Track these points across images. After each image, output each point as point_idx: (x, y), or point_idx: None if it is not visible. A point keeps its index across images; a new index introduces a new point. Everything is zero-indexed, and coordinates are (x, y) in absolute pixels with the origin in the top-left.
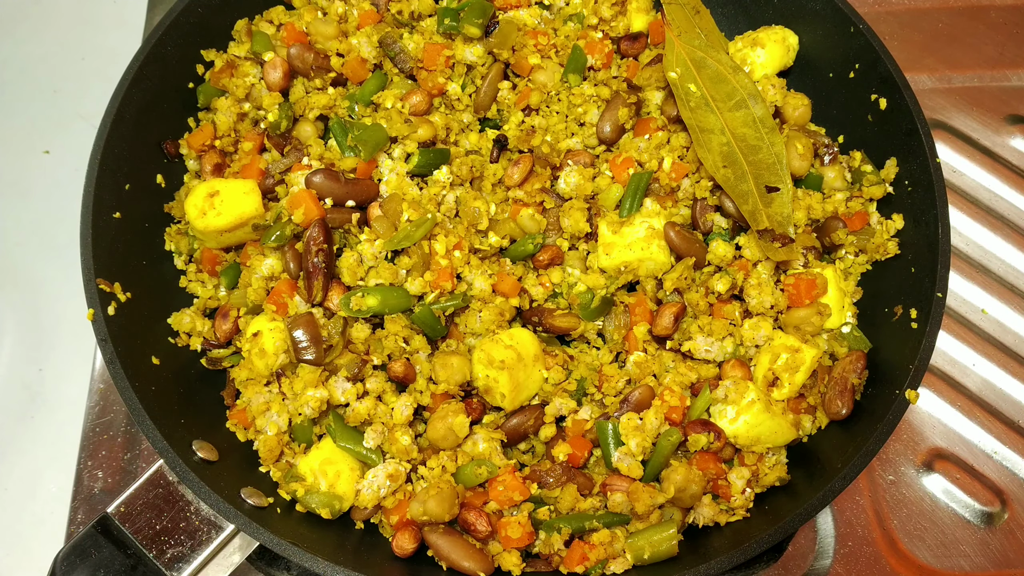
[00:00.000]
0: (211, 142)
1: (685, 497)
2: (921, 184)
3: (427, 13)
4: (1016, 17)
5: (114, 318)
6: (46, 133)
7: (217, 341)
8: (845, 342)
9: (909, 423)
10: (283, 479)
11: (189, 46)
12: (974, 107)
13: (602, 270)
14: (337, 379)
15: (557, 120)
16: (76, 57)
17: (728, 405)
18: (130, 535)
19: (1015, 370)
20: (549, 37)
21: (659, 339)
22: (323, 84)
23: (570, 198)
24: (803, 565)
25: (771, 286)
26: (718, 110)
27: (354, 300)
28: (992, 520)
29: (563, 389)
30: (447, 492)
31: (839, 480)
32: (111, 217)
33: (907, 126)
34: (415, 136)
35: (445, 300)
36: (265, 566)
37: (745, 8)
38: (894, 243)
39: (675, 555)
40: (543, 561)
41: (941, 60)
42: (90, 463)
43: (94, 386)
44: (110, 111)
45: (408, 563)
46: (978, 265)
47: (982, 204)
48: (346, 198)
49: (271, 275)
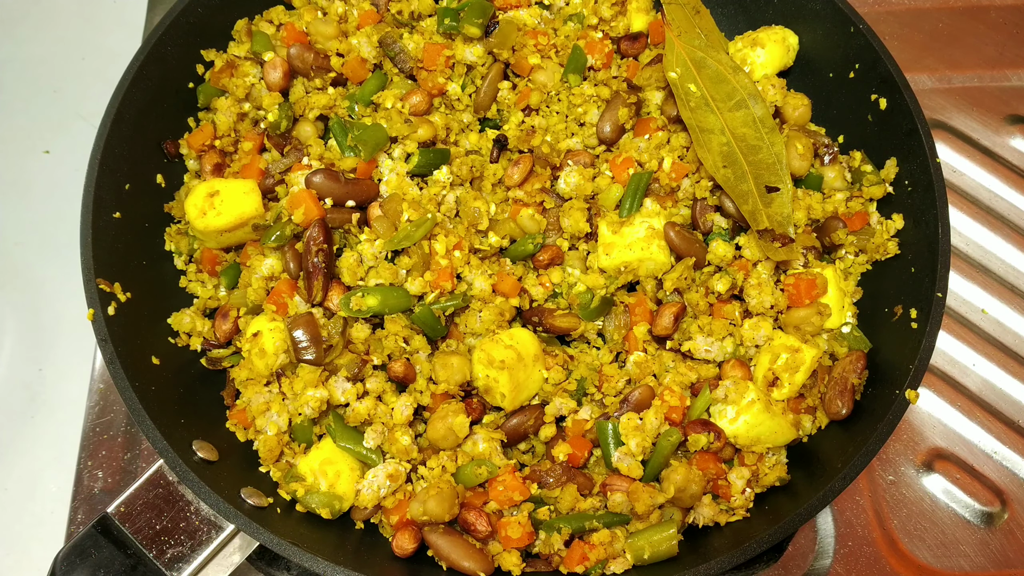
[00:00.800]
0: (211, 142)
1: (685, 497)
2: (921, 184)
3: (427, 13)
4: (1016, 17)
5: (114, 318)
6: (46, 133)
7: (217, 341)
8: (845, 342)
9: (909, 423)
10: (283, 479)
11: (189, 46)
12: (974, 107)
13: (602, 270)
14: (337, 379)
15: (557, 120)
16: (76, 57)
17: (728, 405)
18: (130, 535)
19: (1015, 370)
20: (549, 37)
21: (659, 339)
22: (323, 84)
23: (570, 198)
24: (803, 565)
25: (771, 286)
26: (718, 110)
27: (354, 300)
28: (992, 520)
29: (563, 389)
30: (447, 492)
31: (839, 480)
32: (111, 217)
33: (907, 126)
34: (415, 136)
35: (445, 300)
36: (265, 566)
37: (745, 8)
38: (894, 243)
39: (675, 555)
40: (543, 561)
41: (941, 60)
42: (90, 463)
43: (94, 386)
44: (110, 111)
45: (408, 563)
46: (978, 265)
47: (982, 204)
48: (346, 198)
49: (271, 275)
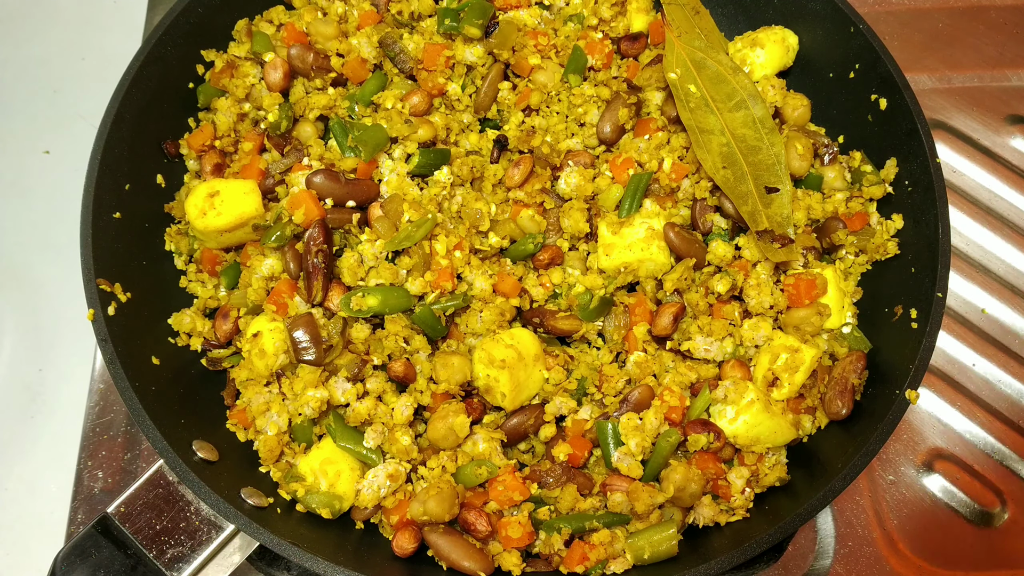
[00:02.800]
0: (211, 142)
1: (685, 497)
2: (921, 184)
3: (427, 13)
4: (1016, 17)
5: (114, 318)
6: (46, 133)
7: (217, 341)
8: (845, 342)
9: (909, 423)
10: (283, 479)
11: (189, 46)
12: (974, 107)
13: (602, 271)
14: (337, 379)
15: (557, 120)
16: (76, 57)
17: (728, 405)
18: (130, 535)
19: (1015, 370)
20: (549, 37)
21: (659, 339)
22: (323, 84)
23: (570, 198)
24: (803, 565)
25: (771, 286)
26: (718, 111)
27: (354, 300)
28: (992, 520)
29: (563, 389)
30: (447, 492)
31: (839, 480)
32: (111, 217)
33: (907, 126)
34: (415, 136)
35: (445, 300)
36: (265, 566)
37: (745, 8)
38: (894, 243)
39: (675, 555)
40: (543, 561)
41: (941, 60)
42: (90, 463)
43: (94, 386)
44: (110, 111)
45: (408, 563)
46: (978, 265)
47: (982, 204)
48: (346, 198)
49: (271, 275)
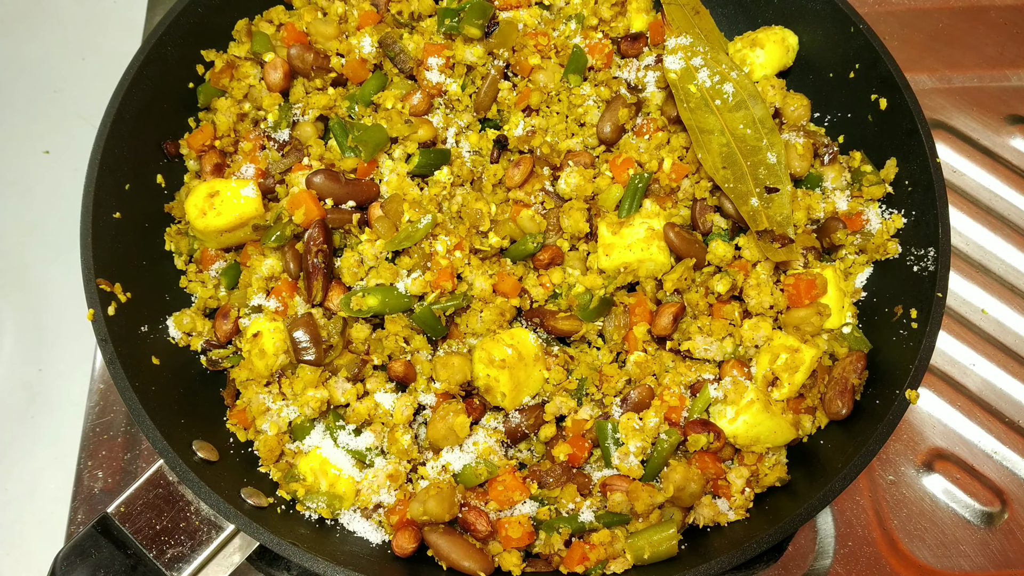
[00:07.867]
0: (211, 142)
1: (684, 496)
2: (921, 184)
3: (427, 13)
4: (1016, 17)
5: (114, 318)
6: (46, 133)
7: (217, 341)
8: (845, 342)
9: (909, 423)
10: (283, 479)
11: (189, 46)
12: (974, 107)
13: (602, 271)
14: (337, 379)
15: (557, 120)
16: (76, 57)
17: (727, 405)
18: (130, 535)
19: (1015, 370)
20: (549, 37)
21: (659, 339)
22: (323, 84)
23: (570, 198)
24: (803, 565)
25: (770, 286)
26: (718, 111)
27: (354, 300)
28: (992, 520)
29: (563, 389)
30: (447, 492)
31: (839, 480)
32: (111, 217)
33: (907, 126)
34: (415, 136)
35: (445, 300)
36: (265, 566)
37: (745, 8)
38: (894, 243)
39: (675, 555)
40: (543, 561)
41: (941, 60)
42: (90, 463)
43: (94, 386)
44: (110, 111)
45: (408, 563)
46: (978, 265)
47: (982, 204)
48: (346, 198)
49: (271, 275)
